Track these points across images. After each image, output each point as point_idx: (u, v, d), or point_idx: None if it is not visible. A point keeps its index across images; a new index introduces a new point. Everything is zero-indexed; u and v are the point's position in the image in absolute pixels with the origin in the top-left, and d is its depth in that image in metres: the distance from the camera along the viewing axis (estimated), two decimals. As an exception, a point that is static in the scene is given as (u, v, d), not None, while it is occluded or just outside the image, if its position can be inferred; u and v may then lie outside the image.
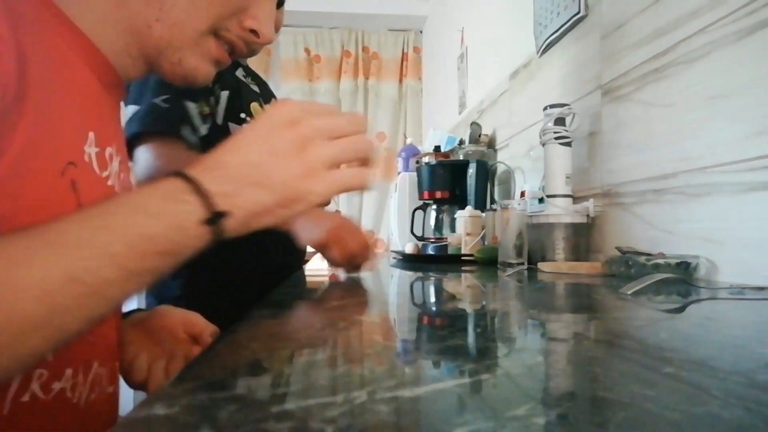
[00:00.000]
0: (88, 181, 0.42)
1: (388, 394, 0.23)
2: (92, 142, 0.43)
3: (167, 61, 0.49)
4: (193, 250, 0.36)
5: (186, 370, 0.28)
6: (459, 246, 1.34)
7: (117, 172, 0.48)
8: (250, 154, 0.39)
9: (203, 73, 0.51)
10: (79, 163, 0.41)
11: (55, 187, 0.38)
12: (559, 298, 0.64)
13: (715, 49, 0.76)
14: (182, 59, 0.49)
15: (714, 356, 0.31)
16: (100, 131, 0.44)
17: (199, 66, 0.50)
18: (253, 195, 0.38)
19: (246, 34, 0.52)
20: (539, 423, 0.20)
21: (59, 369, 0.40)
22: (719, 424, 0.20)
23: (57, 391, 0.40)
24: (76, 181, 0.39)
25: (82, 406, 0.43)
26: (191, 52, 0.49)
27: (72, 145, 0.41)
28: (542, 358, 0.32)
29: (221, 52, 0.51)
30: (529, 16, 1.50)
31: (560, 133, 1.06)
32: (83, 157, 0.42)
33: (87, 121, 0.43)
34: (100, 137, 0.44)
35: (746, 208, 0.70)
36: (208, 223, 0.35)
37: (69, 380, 0.41)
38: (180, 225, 0.35)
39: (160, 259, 0.34)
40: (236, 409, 0.21)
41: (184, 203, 0.35)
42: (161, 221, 0.34)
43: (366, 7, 3.38)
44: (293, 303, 0.61)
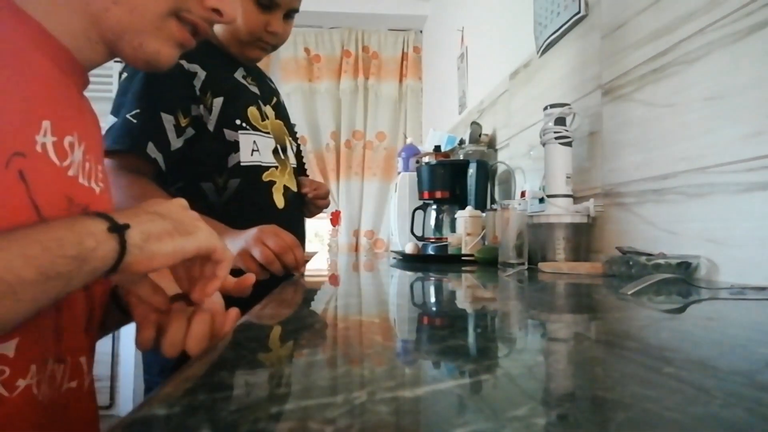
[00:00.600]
0: (41, 171, 0.41)
1: (388, 395, 0.23)
2: (47, 131, 0.42)
3: (128, 45, 0.48)
4: (105, 257, 0.37)
5: (186, 371, 0.28)
6: (459, 246, 1.34)
7: (80, 162, 0.47)
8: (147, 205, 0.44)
9: (166, 56, 0.51)
10: (30, 153, 0.40)
11: (0, 179, 0.37)
12: (559, 298, 0.64)
13: (715, 49, 0.76)
14: (143, 43, 0.49)
15: (714, 356, 0.31)
16: (57, 120, 0.44)
17: (162, 49, 0.50)
18: (150, 218, 0.42)
19: (208, 14, 0.52)
20: (539, 423, 0.20)
21: (23, 364, 0.40)
22: (720, 425, 0.20)
23: (22, 388, 0.39)
24: (24, 172, 0.39)
25: (47, 402, 0.42)
26: (152, 35, 0.49)
27: (19, 135, 0.40)
28: (542, 359, 0.32)
29: (184, 34, 0.51)
30: (529, 16, 1.50)
31: (560, 132, 1.06)
32: (35, 147, 0.41)
33: (39, 110, 0.43)
34: (57, 126, 0.44)
35: (747, 207, 0.70)
36: (112, 230, 0.38)
37: (34, 376, 0.41)
38: (88, 231, 0.37)
39: (73, 263, 0.35)
40: (236, 409, 0.21)
41: (89, 218, 0.38)
42: (71, 229, 0.36)
43: (366, 6, 3.38)
44: (293, 303, 0.61)
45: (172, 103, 0.92)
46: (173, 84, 0.93)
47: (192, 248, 0.43)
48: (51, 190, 0.42)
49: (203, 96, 0.96)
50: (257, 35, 1.01)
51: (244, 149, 1.00)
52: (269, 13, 1.00)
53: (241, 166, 0.99)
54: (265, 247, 0.82)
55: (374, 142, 3.52)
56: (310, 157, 3.41)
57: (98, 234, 0.37)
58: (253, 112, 1.04)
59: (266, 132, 1.05)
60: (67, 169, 0.45)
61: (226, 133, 0.98)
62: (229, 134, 0.98)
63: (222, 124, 0.98)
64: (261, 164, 1.02)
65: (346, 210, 3.38)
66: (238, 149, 0.99)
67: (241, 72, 1.07)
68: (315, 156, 3.45)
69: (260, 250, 0.82)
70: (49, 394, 0.43)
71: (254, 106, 1.05)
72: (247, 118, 1.02)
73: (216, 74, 0.99)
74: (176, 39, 0.51)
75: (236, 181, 0.99)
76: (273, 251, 0.82)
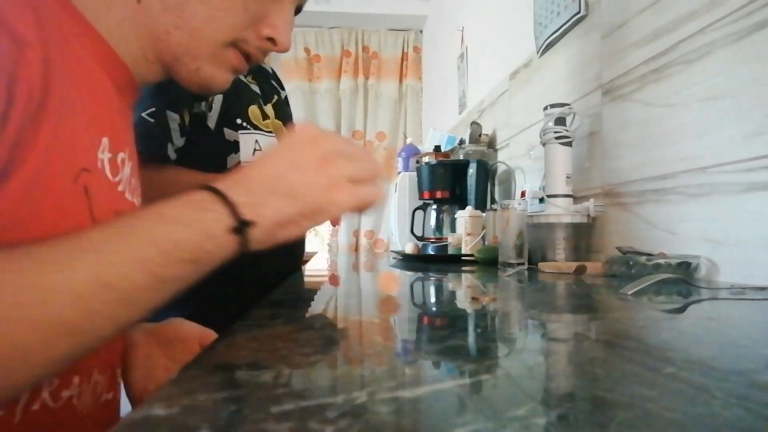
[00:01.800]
0: (100, 186, 0.41)
1: (388, 395, 0.23)
2: (105, 148, 0.43)
3: (185, 68, 0.49)
4: (220, 259, 0.37)
5: (186, 371, 0.28)
6: (459, 246, 1.34)
7: (128, 177, 0.48)
8: (274, 167, 0.41)
9: (220, 81, 0.52)
10: (93, 169, 0.41)
11: (69, 193, 0.38)
12: (559, 298, 0.64)
13: (715, 49, 0.76)
14: (200, 67, 0.49)
15: (715, 356, 0.31)
16: (113, 136, 0.44)
17: (216, 74, 0.51)
18: (277, 205, 0.39)
19: (263, 43, 0.52)
20: (539, 423, 0.20)
21: (68, 376, 0.40)
22: (720, 425, 0.20)
23: (65, 399, 0.40)
24: (88, 188, 0.39)
25: (85, 413, 0.42)
26: (209, 61, 0.49)
27: (86, 151, 0.40)
28: (542, 359, 0.32)
29: (240, 62, 0.52)
30: (529, 16, 1.50)
31: (560, 132, 1.05)
32: (96, 163, 0.41)
33: (101, 126, 0.43)
34: (113, 142, 0.44)
35: (747, 207, 0.70)
36: (235, 231, 0.36)
37: (76, 388, 0.41)
38: (208, 232, 0.35)
39: (189, 267, 0.35)
40: (236, 410, 0.21)
41: (212, 212, 0.36)
42: (190, 229, 0.35)
43: (366, 6, 3.38)
44: (293, 303, 0.61)
45: (179, 101, 0.92)
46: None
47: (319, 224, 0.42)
48: (106, 205, 0.42)
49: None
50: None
51: (245, 149, 1.00)
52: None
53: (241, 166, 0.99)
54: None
55: (374, 142, 3.52)
56: (310, 157, 3.40)
57: (219, 236, 0.36)
58: (254, 112, 1.03)
59: (269, 131, 1.05)
60: (118, 184, 0.45)
61: (226, 133, 0.98)
62: (228, 134, 0.98)
63: (222, 123, 0.97)
64: None
65: (346, 210, 3.37)
66: (237, 149, 0.99)
67: None
68: (315, 156, 3.44)
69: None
70: (89, 405, 0.43)
71: (255, 105, 1.04)
72: (247, 118, 1.01)
73: None
74: (231, 65, 0.51)
75: None
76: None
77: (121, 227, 0.34)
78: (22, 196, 0.34)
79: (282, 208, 0.39)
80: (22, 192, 0.34)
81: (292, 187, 0.40)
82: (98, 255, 0.32)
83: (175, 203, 0.36)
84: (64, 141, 0.37)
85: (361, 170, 0.44)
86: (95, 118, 0.42)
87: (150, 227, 0.34)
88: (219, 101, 0.97)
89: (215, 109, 0.97)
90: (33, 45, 0.34)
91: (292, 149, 0.42)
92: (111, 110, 0.46)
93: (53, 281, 0.30)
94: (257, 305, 0.53)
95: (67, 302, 0.30)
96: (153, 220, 0.35)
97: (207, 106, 0.96)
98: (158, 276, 0.33)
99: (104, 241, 0.33)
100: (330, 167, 0.42)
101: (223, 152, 0.98)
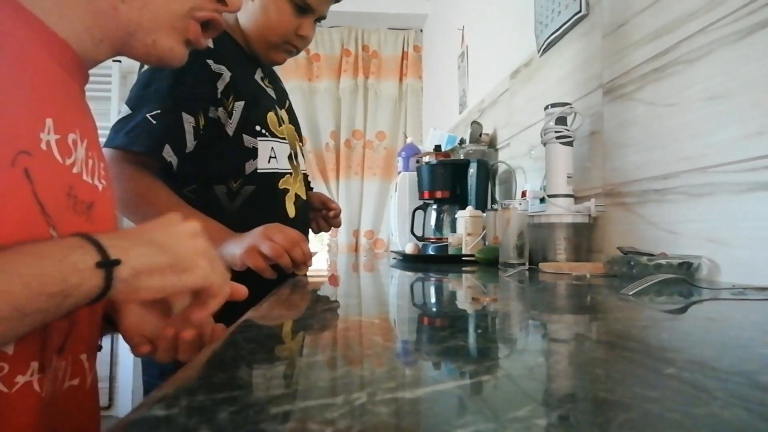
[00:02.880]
0: (45, 169, 0.41)
1: (388, 396, 0.23)
2: (50, 129, 0.42)
3: (140, 42, 0.49)
4: (86, 295, 0.36)
5: (186, 371, 0.28)
6: (459, 246, 1.34)
7: (83, 159, 0.47)
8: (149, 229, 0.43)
9: (179, 54, 0.51)
10: (34, 151, 0.40)
11: (6, 177, 0.37)
12: (560, 298, 0.64)
13: (717, 48, 0.76)
14: (157, 40, 0.49)
15: (716, 357, 0.31)
16: (60, 117, 0.44)
17: (175, 47, 0.50)
18: (146, 251, 0.40)
19: (215, 5, 0.52)
20: (540, 424, 0.20)
21: (23, 362, 0.40)
22: (721, 425, 0.20)
23: (21, 384, 0.40)
24: (29, 170, 0.39)
25: (49, 399, 0.42)
26: (166, 33, 0.49)
27: (24, 134, 0.40)
28: (543, 359, 0.32)
29: (197, 33, 0.52)
30: (529, 15, 1.50)
31: (561, 132, 1.05)
32: (39, 144, 0.41)
33: (43, 107, 0.43)
34: (60, 123, 0.44)
35: (748, 207, 0.70)
36: (100, 266, 0.37)
37: (36, 373, 0.41)
38: (74, 266, 0.36)
39: (52, 300, 0.35)
40: (236, 410, 0.21)
41: (79, 248, 0.37)
42: (56, 262, 0.35)
43: (366, 5, 3.37)
44: (293, 304, 0.61)
45: (195, 103, 0.91)
46: (198, 84, 0.91)
47: (183, 286, 0.43)
48: (55, 187, 0.42)
49: (225, 99, 0.94)
50: (287, 38, 1.01)
51: (262, 156, 0.99)
52: (303, 17, 1.00)
53: (258, 173, 0.98)
54: (273, 242, 0.82)
55: (374, 142, 3.52)
56: (309, 156, 3.41)
57: (85, 271, 0.36)
58: (272, 118, 1.02)
59: (282, 138, 1.04)
60: (71, 166, 0.45)
61: (245, 139, 0.97)
62: (248, 140, 0.97)
63: (242, 129, 0.96)
64: (277, 171, 1.01)
65: (345, 210, 3.37)
66: (256, 156, 0.98)
67: (260, 74, 1.05)
68: (315, 156, 3.45)
69: (269, 245, 0.82)
70: (51, 390, 0.43)
71: (272, 112, 1.03)
72: (266, 125, 1.00)
73: (239, 76, 0.97)
74: (188, 36, 0.51)
75: (251, 188, 0.97)
76: (281, 245, 0.82)
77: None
78: None
79: (150, 255, 0.40)
80: None
81: (162, 242, 0.42)
82: None
83: (45, 243, 0.37)
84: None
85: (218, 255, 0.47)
86: (35, 100, 0.42)
87: (17, 262, 0.34)
88: (240, 107, 0.96)
89: (235, 115, 0.96)
90: None
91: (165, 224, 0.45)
92: (55, 91, 0.45)
93: None
94: (257, 306, 0.53)
95: None
96: (20, 257, 0.35)
97: (226, 113, 0.95)
98: (20, 308, 0.33)
99: None
100: (196, 240, 0.45)
101: (242, 158, 0.97)
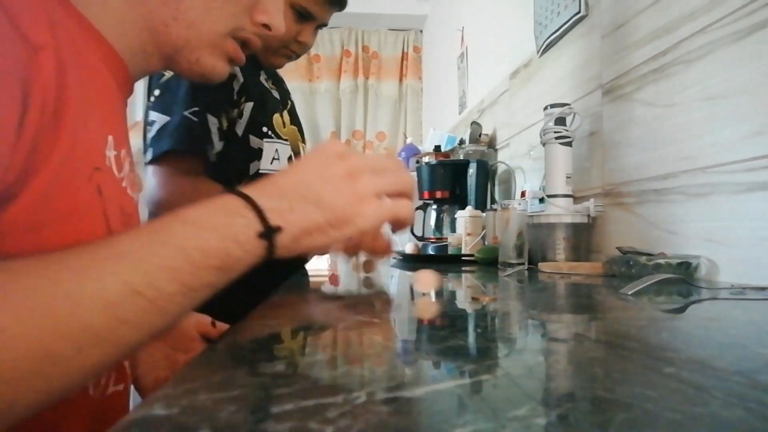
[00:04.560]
0: (109, 184, 0.42)
1: (388, 395, 0.23)
2: (111, 146, 0.43)
3: (185, 59, 0.50)
4: (246, 266, 0.37)
5: (186, 371, 0.28)
6: (459, 246, 1.34)
7: (128, 173, 0.49)
8: (302, 177, 0.41)
9: (220, 70, 0.53)
10: (102, 167, 0.41)
11: (85, 193, 0.38)
12: (559, 298, 0.64)
13: (716, 48, 0.76)
14: (200, 58, 0.50)
15: (715, 356, 0.31)
16: (117, 134, 0.45)
17: (216, 64, 0.52)
18: (305, 212, 0.39)
19: (258, 29, 0.53)
20: (540, 423, 0.20)
21: None
22: (720, 425, 0.20)
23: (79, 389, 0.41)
24: (101, 186, 0.40)
25: (96, 404, 0.43)
26: (208, 51, 0.50)
27: (97, 150, 0.41)
28: (543, 359, 0.32)
29: (237, 52, 0.53)
30: (529, 16, 1.50)
31: (561, 132, 1.05)
32: (105, 161, 0.42)
33: (108, 124, 0.44)
34: (117, 140, 0.45)
35: (747, 207, 0.70)
36: (262, 237, 0.36)
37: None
38: (235, 239, 0.35)
39: (216, 274, 0.35)
40: (236, 410, 0.21)
41: (240, 217, 0.36)
42: (219, 235, 0.35)
43: (366, 6, 3.38)
44: (293, 303, 0.61)
45: (217, 106, 0.92)
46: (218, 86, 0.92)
47: (344, 238, 0.42)
48: (114, 203, 0.43)
49: (239, 99, 0.96)
50: (286, 43, 1.01)
51: (266, 157, 1.00)
52: (304, 24, 1.01)
53: (260, 174, 0.98)
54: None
55: (374, 142, 3.52)
56: (310, 156, 3.40)
57: (246, 242, 0.36)
58: (278, 120, 1.03)
59: (285, 139, 1.05)
60: (122, 180, 0.46)
61: (252, 140, 0.97)
62: (254, 141, 0.98)
63: (249, 130, 0.97)
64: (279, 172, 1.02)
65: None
66: (260, 157, 0.99)
67: (264, 75, 1.06)
68: (315, 156, 3.44)
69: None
70: (99, 395, 0.44)
71: (278, 113, 1.04)
72: (272, 126, 1.01)
73: (249, 78, 0.98)
74: (229, 55, 0.52)
75: None
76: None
77: (151, 234, 0.34)
78: (40, 200, 0.34)
79: (309, 215, 0.39)
80: (41, 195, 0.34)
81: (320, 196, 0.40)
82: (127, 263, 0.32)
83: (204, 209, 0.36)
84: (79, 142, 0.37)
85: (389, 185, 0.44)
86: (102, 117, 0.43)
87: (178, 235, 0.34)
88: (249, 108, 0.97)
89: (245, 116, 0.97)
90: (47, 48, 0.34)
91: (318, 162, 0.42)
92: (114, 108, 0.46)
93: (84, 289, 0.30)
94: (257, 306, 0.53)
95: (97, 310, 0.30)
96: (181, 229, 0.35)
97: (238, 113, 0.96)
98: (187, 284, 0.33)
99: (134, 249, 0.33)
100: (357, 182, 0.42)
101: (247, 159, 0.98)
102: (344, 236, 0.42)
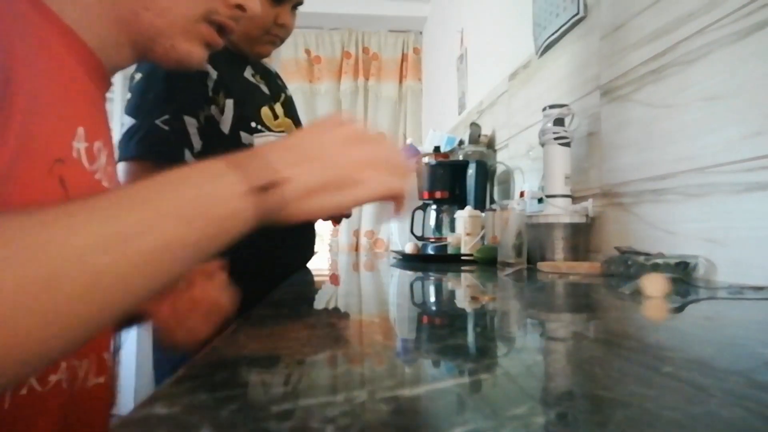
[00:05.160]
0: (76, 176, 0.41)
1: (388, 394, 0.23)
2: (81, 137, 0.43)
3: (160, 47, 0.49)
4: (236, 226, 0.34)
5: (186, 370, 0.28)
6: (458, 246, 1.34)
7: (104, 166, 0.48)
8: (307, 139, 0.40)
9: (197, 56, 0.52)
10: (67, 159, 0.41)
11: (44, 185, 0.38)
12: (558, 297, 0.64)
13: (714, 49, 0.76)
14: (175, 45, 0.50)
15: (713, 356, 0.31)
16: (89, 126, 0.44)
17: (193, 50, 0.51)
18: (311, 168, 0.37)
19: (232, 11, 0.53)
20: (539, 422, 0.20)
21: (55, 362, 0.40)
22: (718, 424, 0.20)
23: (53, 383, 0.40)
24: (64, 178, 0.39)
25: (75, 397, 0.43)
26: (183, 37, 0.50)
27: (60, 142, 0.41)
28: (541, 358, 0.32)
29: (213, 36, 0.53)
30: (528, 17, 1.50)
31: (559, 133, 1.06)
32: (71, 152, 0.42)
33: (76, 116, 0.43)
34: (89, 132, 0.44)
35: (745, 207, 0.70)
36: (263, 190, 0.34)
37: (64, 372, 0.41)
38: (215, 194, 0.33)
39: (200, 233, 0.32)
40: (236, 409, 0.21)
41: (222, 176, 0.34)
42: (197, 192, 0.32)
43: (366, 8, 3.38)
44: (294, 302, 0.61)
45: (193, 105, 0.91)
46: (192, 85, 0.91)
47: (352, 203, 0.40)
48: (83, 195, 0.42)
49: (215, 96, 0.95)
50: (267, 29, 1.01)
51: None
52: (279, 6, 1.01)
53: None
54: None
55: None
56: (309, 157, 3.40)
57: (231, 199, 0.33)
58: (266, 112, 1.03)
59: (281, 131, 1.05)
60: (95, 173, 0.45)
61: (243, 136, 0.97)
62: (245, 137, 0.97)
63: (237, 126, 0.97)
64: None
65: (345, 210, 3.37)
66: None
67: (250, 71, 1.06)
68: (315, 156, 3.44)
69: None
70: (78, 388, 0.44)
71: (266, 106, 1.04)
72: (261, 120, 1.01)
73: (227, 74, 0.98)
74: (205, 40, 0.52)
75: None
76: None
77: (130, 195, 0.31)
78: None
79: (316, 170, 0.37)
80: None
81: (324, 154, 0.39)
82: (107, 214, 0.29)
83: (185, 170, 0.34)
84: (35, 134, 0.37)
85: (394, 154, 0.43)
86: (70, 108, 0.43)
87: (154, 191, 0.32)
88: (231, 105, 0.97)
89: (227, 113, 0.96)
90: None
91: (319, 129, 0.41)
92: (86, 99, 0.46)
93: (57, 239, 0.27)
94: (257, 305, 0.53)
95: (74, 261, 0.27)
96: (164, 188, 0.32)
97: (218, 110, 0.95)
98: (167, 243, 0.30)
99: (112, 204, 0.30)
100: (358, 149, 0.40)
101: None
102: (345, 202, 0.39)
